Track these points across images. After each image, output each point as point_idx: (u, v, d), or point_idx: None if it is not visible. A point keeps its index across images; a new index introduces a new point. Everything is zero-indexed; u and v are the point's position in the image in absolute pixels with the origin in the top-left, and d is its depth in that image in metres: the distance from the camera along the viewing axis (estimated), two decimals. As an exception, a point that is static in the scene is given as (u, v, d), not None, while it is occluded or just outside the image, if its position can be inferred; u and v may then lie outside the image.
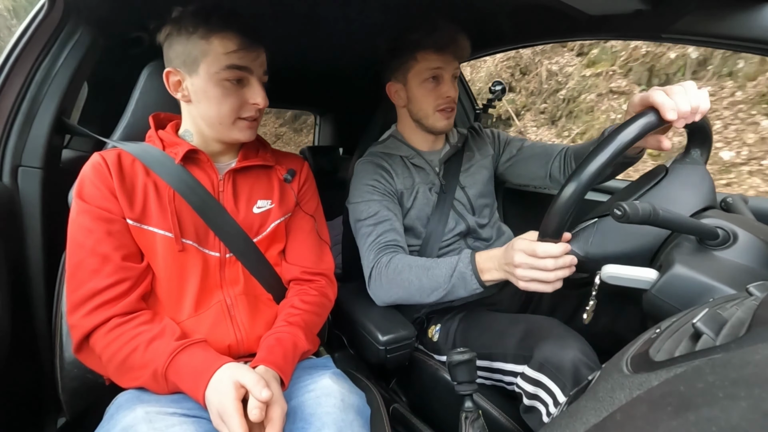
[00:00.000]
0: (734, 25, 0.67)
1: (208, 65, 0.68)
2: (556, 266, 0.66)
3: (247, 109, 0.72)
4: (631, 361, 0.33)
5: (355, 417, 0.61)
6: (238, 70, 0.69)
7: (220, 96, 0.69)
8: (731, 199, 0.73)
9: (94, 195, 0.67)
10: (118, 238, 0.67)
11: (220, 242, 0.74)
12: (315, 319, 0.78)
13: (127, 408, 0.58)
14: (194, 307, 0.70)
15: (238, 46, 0.68)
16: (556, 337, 0.72)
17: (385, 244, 0.91)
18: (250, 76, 0.71)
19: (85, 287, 0.64)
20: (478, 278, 0.77)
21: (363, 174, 0.99)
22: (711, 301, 0.41)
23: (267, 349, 0.67)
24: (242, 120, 0.73)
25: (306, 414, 0.60)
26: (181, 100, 0.74)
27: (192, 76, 0.69)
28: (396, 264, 0.86)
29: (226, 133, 0.73)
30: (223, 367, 0.58)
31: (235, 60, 0.68)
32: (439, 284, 0.81)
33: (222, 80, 0.68)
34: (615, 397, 0.29)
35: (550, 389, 0.68)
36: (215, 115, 0.71)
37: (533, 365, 0.71)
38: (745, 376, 0.22)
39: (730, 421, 0.20)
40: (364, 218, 0.94)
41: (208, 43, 0.67)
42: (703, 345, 0.30)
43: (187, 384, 0.59)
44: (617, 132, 0.59)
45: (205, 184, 0.73)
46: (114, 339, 0.62)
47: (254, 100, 0.71)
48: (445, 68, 0.96)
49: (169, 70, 0.71)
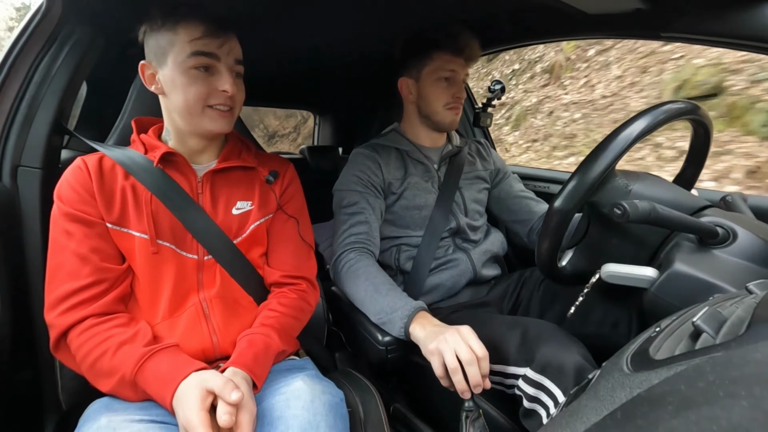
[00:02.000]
0: (734, 24, 0.67)
1: (175, 54, 0.68)
2: (472, 369, 0.66)
3: (216, 96, 0.71)
4: (632, 360, 0.33)
5: (323, 418, 0.60)
6: (203, 56, 0.68)
7: (187, 84, 0.69)
8: (731, 198, 0.73)
9: (73, 198, 0.67)
10: (97, 239, 0.67)
11: (198, 244, 0.73)
12: (292, 322, 0.77)
13: (92, 419, 0.57)
14: (169, 310, 0.70)
15: (202, 32, 0.68)
16: (558, 341, 0.73)
17: (356, 239, 0.94)
18: (217, 63, 0.70)
19: (63, 287, 0.64)
20: (406, 331, 0.78)
21: (353, 164, 1.03)
22: (711, 300, 0.41)
23: (238, 351, 0.66)
24: (212, 109, 0.71)
25: (273, 417, 0.59)
26: (157, 94, 0.74)
27: (162, 67, 0.70)
28: (358, 267, 0.90)
29: (198, 123, 0.72)
30: (191, 375, 0.57)
31: (200, 47, 0.68)
32: (376, 311, 0.84)
33: (188, 68, 0.68)
34: (615, 395, 0.29)
35: (551, 392, 0.68)
36: (184, 104, 0.70)
37: (535, 368, 0.71)
38: (745, 375, 0.22)
39: (730, 419, 0.20)
40: (344, 206, 0.99)
41: (174, 34, 0.68)
42: (704, 343, 0.30)
43: (155, 391, 0.58)
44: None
45: (184, 185, 0.74)
46: (86, 340, 0.62)
47: (222, 87, 0.70)
48: (458, 71, 1.00)
49: (143, 63, 0.72)
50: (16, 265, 0.79)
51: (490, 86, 1.46)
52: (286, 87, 1.84)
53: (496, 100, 1.49)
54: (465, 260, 1.04)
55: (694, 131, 0.75)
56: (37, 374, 0.81)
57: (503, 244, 1.14)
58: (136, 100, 0.83)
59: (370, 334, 0.87)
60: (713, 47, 0.98)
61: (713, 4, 0.69)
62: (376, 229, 0.99)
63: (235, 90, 0.71)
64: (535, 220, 1.10)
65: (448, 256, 1.03)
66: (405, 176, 1.03)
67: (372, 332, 0.86)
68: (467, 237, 1.07)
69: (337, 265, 0.94)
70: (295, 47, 1.28)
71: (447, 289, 1.02)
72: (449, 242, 1.05)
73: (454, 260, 1.03)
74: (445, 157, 1.08)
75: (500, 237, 1.14)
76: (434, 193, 1.05)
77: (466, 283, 1.04)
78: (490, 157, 1.19)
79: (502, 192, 1.16)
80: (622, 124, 0.64)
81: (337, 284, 0.96)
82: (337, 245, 0.96)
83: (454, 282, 1.02)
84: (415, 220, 1.03)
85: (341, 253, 0.94)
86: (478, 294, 1.07)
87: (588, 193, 0.65)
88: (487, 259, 1.08)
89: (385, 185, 1.02)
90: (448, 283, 1.02)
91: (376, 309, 0.83)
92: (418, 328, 0.77)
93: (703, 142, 0.76)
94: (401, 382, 1.05)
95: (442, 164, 1.08)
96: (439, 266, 1.03)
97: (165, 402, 0.57)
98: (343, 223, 0.97)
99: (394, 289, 0.85)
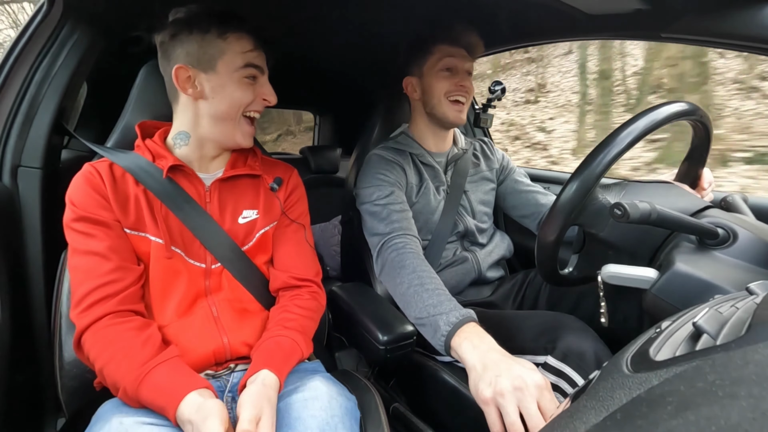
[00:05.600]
0: (734, 24, 0.67)
1: (226, 63, 0.71)
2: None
3: (256, 104, 0.76)
4: (632, 361, 0.32)
5: (340, 420, 0.60)
6: (254, 68, 0.73)
7: (236, 90, 0.73)
8: (731, 198, 0.73)
9: (89, 203, 0.68)
10: (116, 239, 0.68)
11: (206, 252, 0.74)
12: (310, 324, 0.78)
13: (104, 419, 0.57)
14: (178, 313, 0.71)
15: (253, 46, 0.73)
16: (577, 329, 0.73)
17: (399, 225, 0.90)
18: (261, 75, 0.75)
19: (84, 286, 0.65)
20: (447, 341, 0.67)
21: (375, 164, 1.00)
22: (711, 301, 0.40)
23: (267, 352, 0.66)
24: (245, 118, 0.76)
25: (291, 418, 0.60)
26: (189, 97, 0.73)
27: (208, 72, 0.71)
28: (404, 257, 0.83)
29: (230, 132, 0.75)
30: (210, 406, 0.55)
31: (251, 59, 0.73)
32: (418, 307, 0.75)
33: (241, 77, 0.73)
34: (615, 396, 0.28)
35: (572, 379, 0.68)
36: (227, 109, 0.73)
37: (557, 355, 0.71)
38: (745, 376, 0.22)
39: (730, 420, 0.20)
40: (375, 199, 0.94)
41: (225, 43, 0.71)
42: (704, 344, 0.30)
43: (156, 407, 0.58)
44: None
45: (192, 194, 0.74)
46: (96, 342, 0.63)
47: (266, 96, 0.76)
48: (459, 60, 1.00)
49: (179, 66, 0.71)
50: (16, 265, 0.79)
51: (491, 87, 1.46)
52: (286, 87, 1.84)
53: (497, 100, 1.49)
54: (471, 260, 1.04)
55: (694, 131, 0.75)
56: (37, 374, 0.81)
57: (509, 246, 1.14)
58: (138, 100, 0.83)
59: (371, 333, 0.87)
60: (713, 47, 0.98)
61: (713, 4, 0.68)
62: (412, 219, 0.94)
63: (275, 99, 0.77)
64: (543, 213, 1.08)
65: (455, 257, 1.04)
66: (421, 182, 1.03)
67: (372, 332, 0.86)
68: (475, 240, 1.07)
69: (383, 253, 0.87)
70: (295, 48, 1.28)
71: (451, 288, 1.01)
72: (457, 245, 1.06)
73: (459, 260, 1.03)
74: (451, 161, 1.09)
75: (507, 239, 1.15)
76: (443, 197, 1.05)
77: (470, 283, 1.05)
78: (494, 155, 1.19)
79: (508, 188, 1.15)
80: (622, 124, 0.64)
81: (380, 275, 0.88)
82: (380, 234, 0.90)
83: (458, 281, 1.02)
84: (427, 224, 1.03)
85: (387, 240, 0.88)
86: (481, 294, 1.07)
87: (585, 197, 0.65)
88: (492, 261, 1.08)
89: (408, 189, 1.01)
90: (452, 281, 1.02)
91: (418, 305, 0.74)
92: (466, 345, 0.63)
93: (704, 142, 0.76)
94: (401, 382, 1.05)
95: (449, 168, 1.09)
96: (445, 266, 1.03)
97: (168, 416, 0.57)
98: (379, 213, 0.92)
99: (442, 287, 0.76)
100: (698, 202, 0.70)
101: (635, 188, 0.72)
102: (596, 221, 0.68)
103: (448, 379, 0.84)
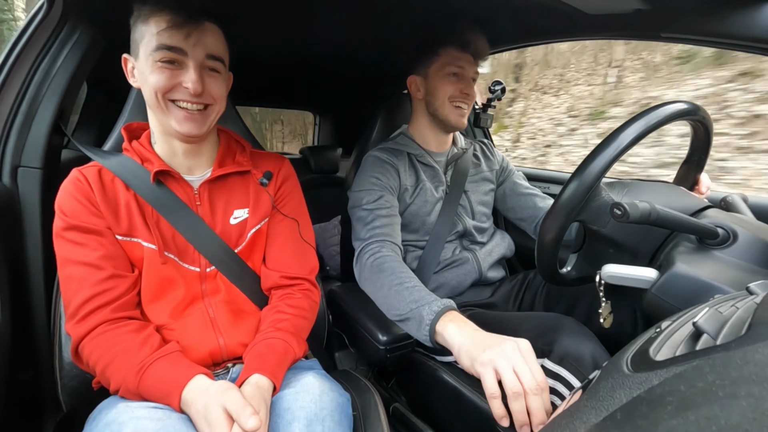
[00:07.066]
0: (734, 24, 0.67)
1: (144, 47, 0.66)
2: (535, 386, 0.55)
3: (179, 92, 0.67)
4: (632, 361, 0.33)
5: (330, 413, 0.60)
6: (166, 50, 0.65)
7: (152, 76, 0.66)
8: (731, 198, 0.73)
9: (79, 211, 0.66)
10: (109, 247, 0.67)
11: (200, 256, 0.73)
12: (304, 323, 0.77)
13: (109, 408, 0.57)
14: (173, 316, 0.70)
15: (168, 23, 0.64)
16: (573, 332, 0.73)
17: (381, 231, 0.91)
18: (184, 58, 0.66)
19: (78, 297, 0.64)
20: (432, 328, 0.69)
21: (369, 167, 1.01)
22: (711, 301, 0.40)
23: (259, 356, 0.66)
24: (176, 106, 0.68)
25: (282, 408, 0.60)
26: (136, 88, 0.73)
27: (137, 60, 0.69)
28: (383, 261, 0.85)
29: (165, 121, 0.69)
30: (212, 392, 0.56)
31: (165, 39, 0.64)
32: (400, 305, 0.76)
33: (155, 62, 0.65)
34: (615, 396, 0.29)
35: (569, 382, 0.68)
36: (149, 97, 0.68)
37: (553, 358, 0.71)
38: (745, 376, 0.22)
39: (730, 420, 0.20)
40: (364, 203, 0.95)
41: (146, 25, 0.66)
42: (704, 344, 0.30)
43: (159, 398, 0.59)
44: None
45: (182, 197, 0.73)
46: (95, 347, 0.63)
47: (185, 83, 0.66)
48: (466, 67, 1.00)
49: (125, 56, 0.71)
50: (16, 265, 0.79)
51: (491, 87, 1.46)
52: (286, 87, 1.84)
53: (497, 100, 1.49)
54: (471, 260, 1.04)
55: (695, 132, 0.75)
56: (37, 374, 0.81)
57: (510, 245, 1.14)
58: (137, 100, 0.83)
59: (371, 333, 0.87)
60: (713, 47, 0.98)
61: (713, 4, 0.68)
62: (398, 225, 0.96)
63: (200, 87, 0.66)
64: (540, 216, 1.09)
65: (454, 257, 1.04)
66: (417, 182, 1.03)
67: (372, 332, 0.86)
68: (474, 239, 1.07)
69: (361, 259, 0.88)
70: (295, 47, 1.28)
71: (451, 288, 1.02)
72: (456, 244, 1.06)
73: (459, 260, 1.03)
74: (451, 161, 1.09)
75: (507, 239, 1.14)
76: (442, 198, 1.05)
77: (471, 284, 1.04)
78: (494, 156, 1.19)
79: (506, 189, 1.16)
80: (623, 124, 0.64)
81: (359, 281, 0.90)
82: (360, 240, 0.92)
83: (458, 281, 1.02)
84: (424, 224, 1.03)
85: (365, 246, 0.89)
86: (482, 295, 1.07)
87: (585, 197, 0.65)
88: (493, 260, 1.08)
89: (401, 191, 1.01)
90: (452, 282, 1.02)
91: (400, 303, 0.75)
92: (452, 327, 0.66)
93: (704, 144, 0.76)
94: (401, 382, 1.05)
95: (449, 168, 1.09)
96: (445, 266, 1.03)
97: (172, 403, 0.57)
98: (365, 218, 0.94)
99: (421, 285, 0.78)
100: (698, 202, 0.70)
101: (637, 187, 0.72)
102: (599, 218, 0.68)
103: (448, 379, 0.84)
